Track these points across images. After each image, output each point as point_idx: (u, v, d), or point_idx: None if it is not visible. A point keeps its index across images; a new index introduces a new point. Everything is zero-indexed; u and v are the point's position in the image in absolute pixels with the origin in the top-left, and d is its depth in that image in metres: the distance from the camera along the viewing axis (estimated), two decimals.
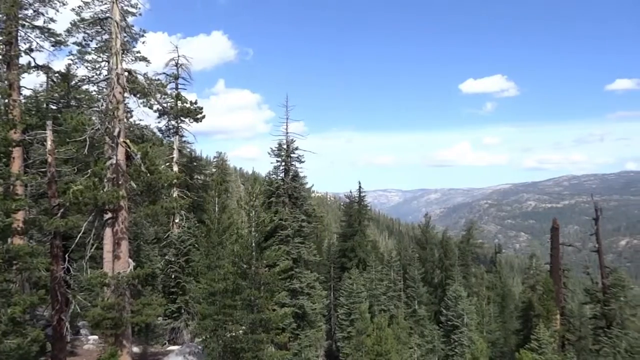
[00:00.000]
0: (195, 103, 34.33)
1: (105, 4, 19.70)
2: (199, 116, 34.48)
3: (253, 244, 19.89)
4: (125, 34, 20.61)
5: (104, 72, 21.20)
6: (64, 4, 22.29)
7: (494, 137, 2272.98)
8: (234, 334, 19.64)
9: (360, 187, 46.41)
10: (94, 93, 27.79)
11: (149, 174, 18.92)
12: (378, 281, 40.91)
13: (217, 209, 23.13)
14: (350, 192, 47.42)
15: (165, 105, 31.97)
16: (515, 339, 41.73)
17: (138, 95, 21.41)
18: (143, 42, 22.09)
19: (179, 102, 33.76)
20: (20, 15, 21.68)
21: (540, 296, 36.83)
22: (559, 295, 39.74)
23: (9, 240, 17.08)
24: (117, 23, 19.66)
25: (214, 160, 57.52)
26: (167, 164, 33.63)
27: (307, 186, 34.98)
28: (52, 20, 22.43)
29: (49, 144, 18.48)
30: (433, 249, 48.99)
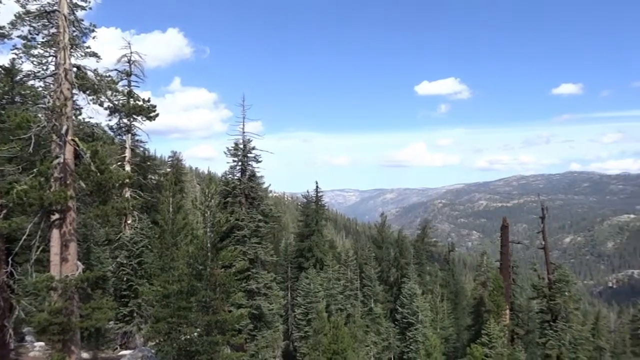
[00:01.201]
0: (149, 101, 33.47)
1: None
2: (152, 114, 33.62)
3: (208, 245, 19.59)
4: (74, 28, 19.81)
5: (51, 68, 20.27)
6: None
7: (448, 139, 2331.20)
8: (188, 337, 19.28)
9: (317, 187, 46.60)
10: (40, 89, 26.58)
11: (99, 174, 18.28)
12: (335, 280, 41.19)
13: (171, 209, 22.69)
14: (308, 192, 47.54)
15: (116, 102, 30.94)
16: (467, 334, 42.95)
17: (87, 92, 20.61)
18: (93, 37, 21.26)
19: (131, 99, 32.80)
20: None
21: (491, 292, 38.02)
22: (509, 291, 41.15)
23: None
24: (65, 16, 18.89)
25: (169, 159, 56.23)
26: (119, 163, 32.64)
27: (264, 186, 34.70)
28: None
29: None
30: (389, 248, 49.73)
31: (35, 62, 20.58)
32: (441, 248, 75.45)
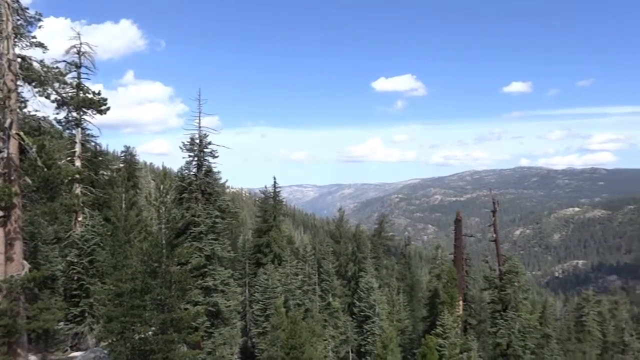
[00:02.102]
0: (99, 94, 32.33)
1: None
2: (103, 108, 32.51)
3: (163, 242, 19.18)
4: (18, 17, 18.90)
5: None
6: None
7: (404, 134, 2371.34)
8: (142, 336, 18.85)
9: (275, 182, 46.44)
10: None
11: (46, 169, 17.57)
12: (293, 276, 41.22)
13: (124, 205, 22.08)
14: (266, 187, 47.30)
15: (64, 95, 29.76)
16: (422, 326, 43.94)
17: (33, 84, 19.76)
18: (40, 27, 20.36)
19: (80, 92, 31.59)
20: None
21: (445, 284, 39.01)
22: (462, 282, 42.38)
23: None
24: (7, 4, 17.98)
25: (122, 154, 54.62)
26: (69, 158, 31.40)
27: (221, 182, 34.28)
28: None
29: None
30: (347, 242, 50.19)
31: None
32: (398, 242, 76.79)
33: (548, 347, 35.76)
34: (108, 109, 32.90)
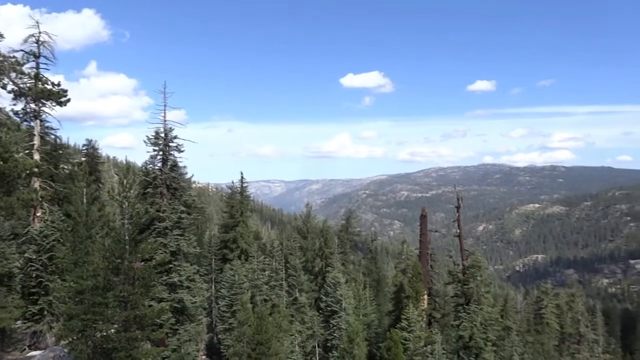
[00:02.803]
0: (59, 85, 31.24)
1: None
2: (62, 99, 31.44)
3: (126, 237, 18.76)
4: None
5: None
6: None
7: (372, 131, 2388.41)
8: (105, 334, 18.43)
9: (242, 177, 46.08)
10: None
11: (2, 162, 16.91)
12: (260, 271, 41.08)
13: (85, 200, 21.48)
14: (233, 182, 46.88)
15: (22, 85, 28.67)
16: (388, 320, 44.54)
17: None
18: None
19: (38, 83, 30.45)
20: None
21: (410, 279, 39.65)
22: (427, 277, 43.17)
23: None
24: None
25: (84, 148, 53.05)
26: (27, 151, 30.25)
27: (187, 176, 33.71)
28: None
29: None
30: (314, 238, 50.28)
31: None
32: (364, 237, 77.44)
33: (509, 339, 36.84)
34: (68, 100, 31.87)
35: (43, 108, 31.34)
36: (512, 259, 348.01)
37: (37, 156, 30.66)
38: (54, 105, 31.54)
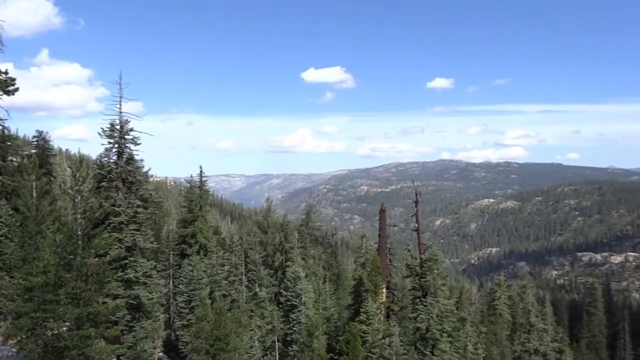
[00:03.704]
0: (7, 73, 29.87)
1: None
2: (10, 88, 30.09)
3: (79, 233, 18.16)
4: None
5: None
6: None
7: (333, 126, 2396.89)
8: (56, 332, 17.82)
9: (201, 171, 45.36)
10: None
11: None
12: (219, 266, 40.67)
13: (35, 194, 20.64)
14: (191, 176, 46.07)
15: None
16: (347, 313, 44.98)
17: None
18: None
19: None
20: None
21: (369, 273, 40.12)
22: (385, 271, 43.80)
23: None
24: None
25: (34, 139, 50.83)
26: None
27: (144, 170, 32.94)
28: None
29: None
30: (274, 232, 50.14)
31: None
32: (325, 232, 77.91)
33: (463, 330, 37.84)
34: (17, 89, 30.54)
35: None
36: (467, 252, 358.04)
37: None
38: (1, 95, 30.13)
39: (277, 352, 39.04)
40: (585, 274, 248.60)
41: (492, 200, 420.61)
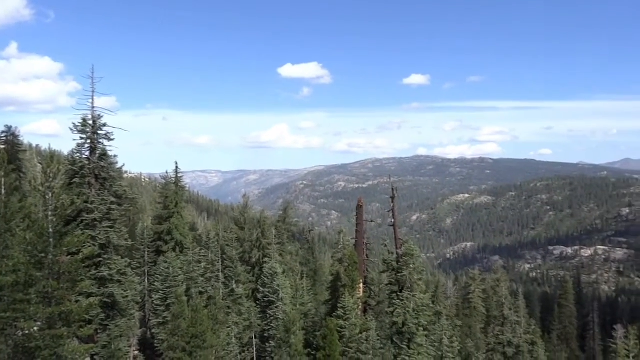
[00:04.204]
0: None
1: None
2: None
3: (50, 230, 17.75)
4: None
5: None
6: None
7: (310, 121, 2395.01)
8: (27, 332, 17.41)
9: (177, 167, 44.81)
10: None
11: None
12: (196, 263, 40.28)
13: (4, 191, 20.10)
14: (167, 172, 45.45)
15: None
16: (325, 309, 45.14)
17: None
18: None
19: None
20: None
21: (347, 268, 40.32)
22: (362, 266, 44.10)
23: None
24: None
25: (3, 135, 49.46)
26: None
27: (118, 166, 32.48)
28: None
29: None
30: (251, 229, 49.88)
31: None
32: (302, 228, 77.91)
33: (439, 323, 38.41)
34: None
35: None
36: (443, 247, 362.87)
37: None
38: None
39: (254, 349, 38.95)
40: (557, 267, 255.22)
41: (467, 195, 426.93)
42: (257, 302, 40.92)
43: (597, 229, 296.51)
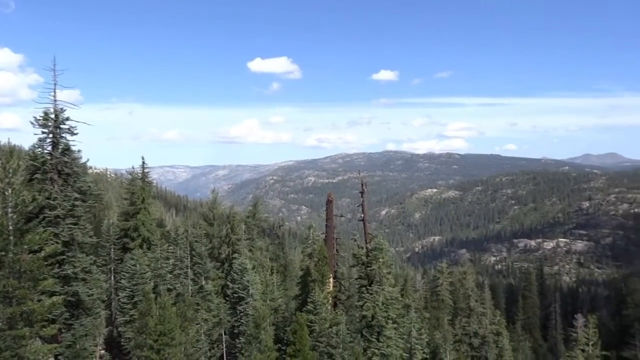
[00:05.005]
0: None
1: None
2: None
3: (10, 228, 17.18)
4: None
5: None
6: None
7: (280, 116, 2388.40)
8: None
9: (144, 162, 43.95)
10: None
11: None
12: (164, 260, 39.67)
13: None
14: (133, 168, 44.56)
15: None
16: (295, 304, 45.19)
17: None
18: None
19: None
20: None
21: (317, 263, 40.44)
22: (332, 260, 44.31)
23: None
24: None
25: None
26: None
27: (82, 161, 31.48)
28: None
29: None
30: (220, 224, 49.43)
31: None
32: (272, 223, 77.60)
33: (408, 316, 38.94)
34: None
35: None
36: (412, 241, 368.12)
37: None
38: None
39: (224, 345, 38.69)
40: (521, 259, 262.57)
41: (435, 190, 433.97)
42: (227, 298, 40.63)
43: (559, 222, 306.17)
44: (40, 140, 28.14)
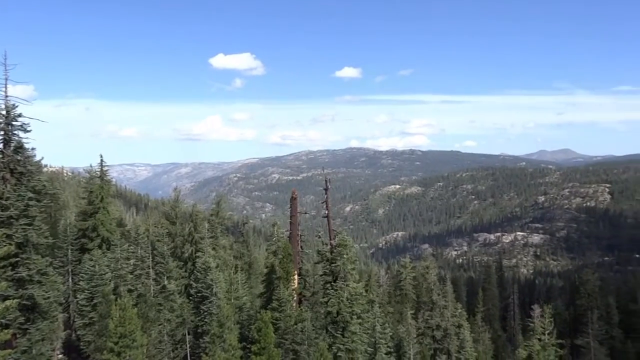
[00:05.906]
0: None
1: None
2: None
3: None
4: None
5: None
6: None
7: (243, 113, 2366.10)
8: None
9: (102, 160, 42.74)
10: None
11: None
12: (124, 260, 38.72)
13: None
14: (91, 166, 43.29)
15: None
16: (260, 302, 45.00)
17: None
18: None
19: None
20: None
21: (281, 260, 40.36)
22: (297, 257, 44.35)
23: None
24: None
25: None
26: None
27: (36, 159, 30.37)
28: None
29: None
30: (183, 223, 48.67)
31: None
32: (236, 221, 77.05)
33: (372, 311, 39.37)
34: None
35: None
36: (376, 236, 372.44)
37: None
38: None
39: (187, 345, 38.16)
40: (481, 253, 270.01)
41: (398, 186, 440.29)
42: (190, 297, 40.07)
43: (516, 216, 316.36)
44: None
